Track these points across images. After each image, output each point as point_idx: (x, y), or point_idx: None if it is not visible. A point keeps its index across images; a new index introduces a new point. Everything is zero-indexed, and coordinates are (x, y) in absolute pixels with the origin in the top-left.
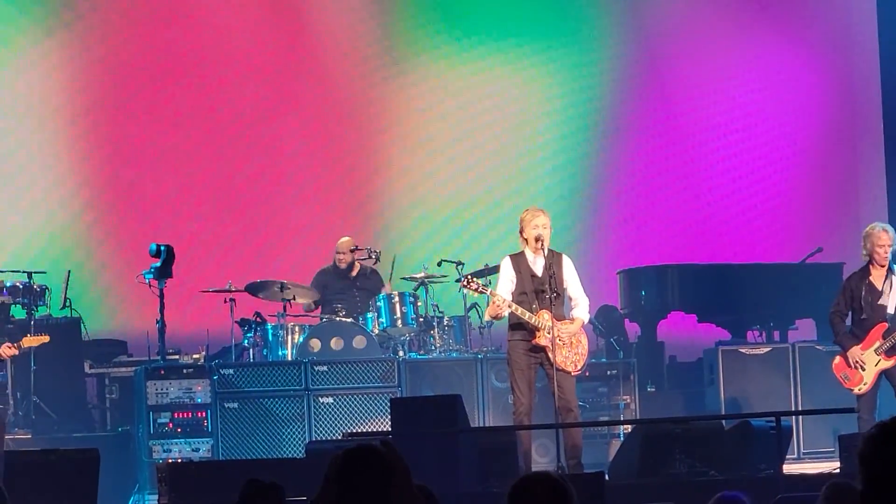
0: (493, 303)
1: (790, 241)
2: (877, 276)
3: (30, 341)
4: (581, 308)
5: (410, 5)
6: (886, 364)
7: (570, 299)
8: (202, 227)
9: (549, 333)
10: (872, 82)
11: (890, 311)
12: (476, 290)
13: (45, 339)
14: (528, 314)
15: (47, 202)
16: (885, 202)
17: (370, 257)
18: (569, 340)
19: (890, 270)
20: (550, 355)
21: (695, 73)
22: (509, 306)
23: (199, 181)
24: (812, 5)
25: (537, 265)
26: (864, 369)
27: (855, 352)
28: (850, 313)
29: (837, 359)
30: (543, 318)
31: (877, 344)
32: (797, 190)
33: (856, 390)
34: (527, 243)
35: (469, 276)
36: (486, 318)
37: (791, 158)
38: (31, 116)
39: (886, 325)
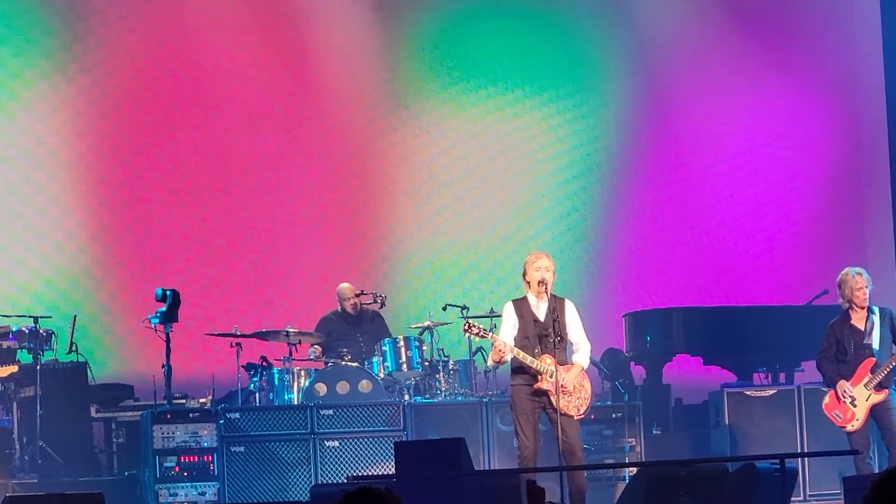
0: (495, 347)
1: (796, 283)
2: (857, 319)
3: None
4: (582, 353)
5: (415, 51)
6: (877, 398)
7: (572, 343)
8: (207, 271)
9: (551, 378)
10: (879, 125)
11: (875, 347)
12: (477, 334)
13: (14, 368)
14: (529, 358)
15: (52, 246)
16: (892, 244)
17: (375, 301)
18: (571, 387)
19: (870, 311)
20: (553, 399)
21: (701, 116)
22: (511, 351)
23: (205, 225)
24: (818, 49)
25: (540, 309)
26: (854, 405)
27: (843, 384)
28: (835, 358)
29: (827, 398)
30: (546, 362)
31: (866, 378)
32: (803, 232)
33: (848, 427)
34: (529, 287)
35: (469, 321)
36: (489, 363)
37: (797, 201)
38: (36, 162)
39: (874, 360)
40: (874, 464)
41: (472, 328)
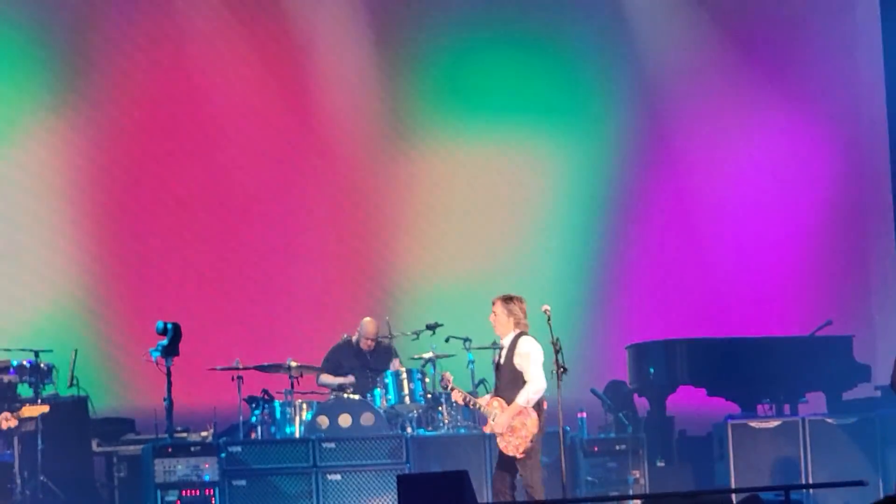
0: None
1: (800, 314)
2: None
3: (29, 410)
4: (523, 391)
5: (416, 84)
6: None
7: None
8: (209, 304)
9: (493, 420)
10: (881, 155)
11: None
12: (453, 389)
13: (45, 408)
14: (479, 404)
15: (53, 280)
16: (895, 276)
17: (390, 335)
18: (501, 431)
19: None
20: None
21: (703, 148)
22: (463, 401)
23: (206, 259)
24: (819, 79)
25: (503, 351)
26: None
27: None
28: None
29: None
30: (493, 406)
31: None
32: (806, 263)
33: None
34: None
35: (447, 383)
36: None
37: (800, 232)
38: (38, 195)
39: None
40: None
41: (449, 386)
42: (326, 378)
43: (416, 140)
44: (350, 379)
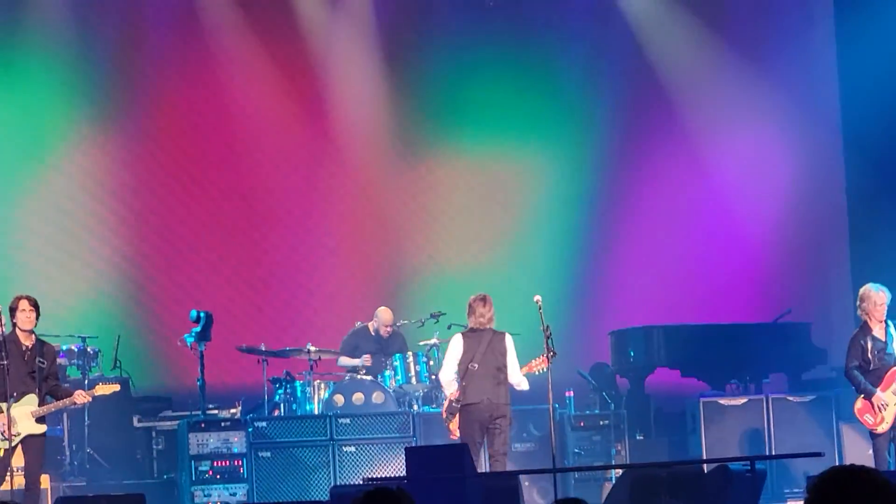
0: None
1: (764, 303)
2: (878, 331)
3: (102, 389)
4: None
5: (421, 100)
6: None
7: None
8: (237, 296)
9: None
10: (836, 162)
11: None
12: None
13: (116, 387)
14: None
15: (99, 272)
16: (849, 269)
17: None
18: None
19: (886, 324)
20: None
21: (678, 155)
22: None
23: (234, 254)
24: (782, 95)
25: None
26: (884, 410)
27: (879, 396)
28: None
29: (859, 403)
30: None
31: (893, 385)
32: (770, 258)
33: (878, 429)
34: None
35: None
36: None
37: (765, 229)
38: (88, 197)
39: None
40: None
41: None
42: (345, 360)
43: (421, 149)
44: (367, 358)
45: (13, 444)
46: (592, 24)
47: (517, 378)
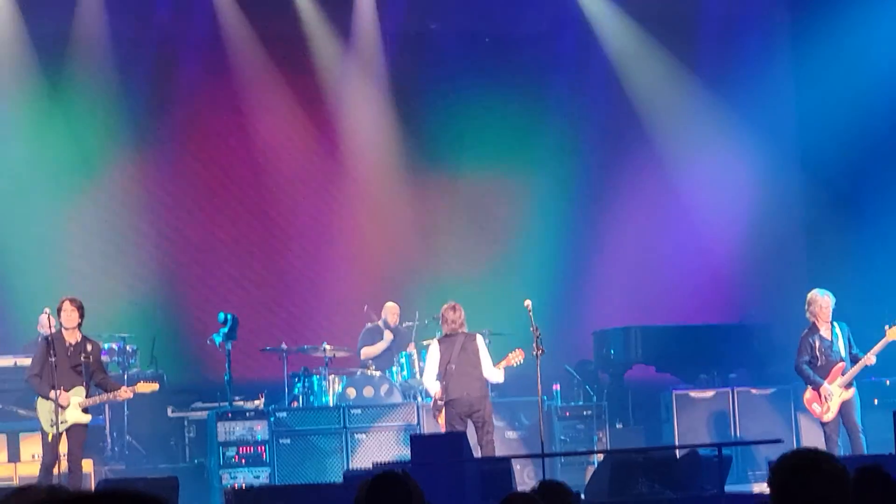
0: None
1: (729, 306)
2: (825, 331)
3: (143, 387)
4: None
5: (423, 125)
6: (847, 395)
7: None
8: (261, 300)
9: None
10: (794, 180)
11: (842, 353)
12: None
13: (155, 386)
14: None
15: (138, 277)
16: (806, 276)
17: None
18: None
19: (832, 325)
20: None
21: (654, 178)
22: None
23: (258, 262)
24: (745, 121)
25: None
26: (829, 400)
27: (826, 388)
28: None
29: (808, 393)
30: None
31: (838, 379)
32: (735, 266)
33: (825, 418)
34: None
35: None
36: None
37: (730, 243)
38: (129, 211)
39: (843, 364)
40: (841, 447)
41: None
42: (367, 350)
43: (423, 170)
44: (388, 337)
45: (60, 430)
46: (576, 59)
47: (489, 372)
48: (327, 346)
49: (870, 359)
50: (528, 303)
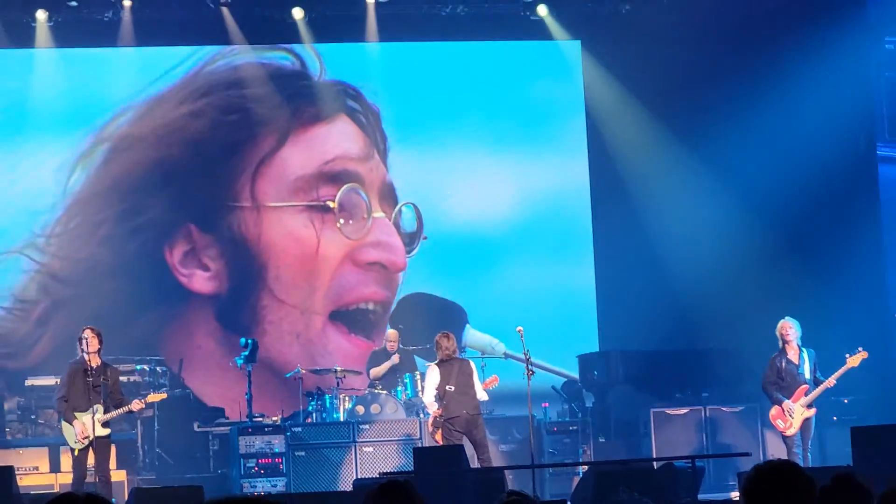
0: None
1: (704, 330)
2: (792, 355)
3: (153, 397)
4: None
5: (424, 181)
6: (808, 413)
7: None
8: (277, 328)
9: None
10: (771, 209)
11: (807, 376)
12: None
13: (164, 395)
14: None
15: (170, 301)
16: (767, 306)
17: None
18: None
19: (800, 349)
20: None
21: (628, 222)
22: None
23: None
24: (713, 171)
25: None
26: (793, 417)
27: (789, 404)
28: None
29: (773, 410)
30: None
31: (802, 399)
32: (704, 299)
33: (788, 432)
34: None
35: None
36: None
37: (701, 278)
38: (147, 252)
39: (807, 386)
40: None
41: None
42: (375, 370)
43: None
44: (395, 358)
45: (84, 445)
46: (558, 109)
47: (480, 394)
48: (338, 368)
49: (831, 382)
50: (519, 329)
